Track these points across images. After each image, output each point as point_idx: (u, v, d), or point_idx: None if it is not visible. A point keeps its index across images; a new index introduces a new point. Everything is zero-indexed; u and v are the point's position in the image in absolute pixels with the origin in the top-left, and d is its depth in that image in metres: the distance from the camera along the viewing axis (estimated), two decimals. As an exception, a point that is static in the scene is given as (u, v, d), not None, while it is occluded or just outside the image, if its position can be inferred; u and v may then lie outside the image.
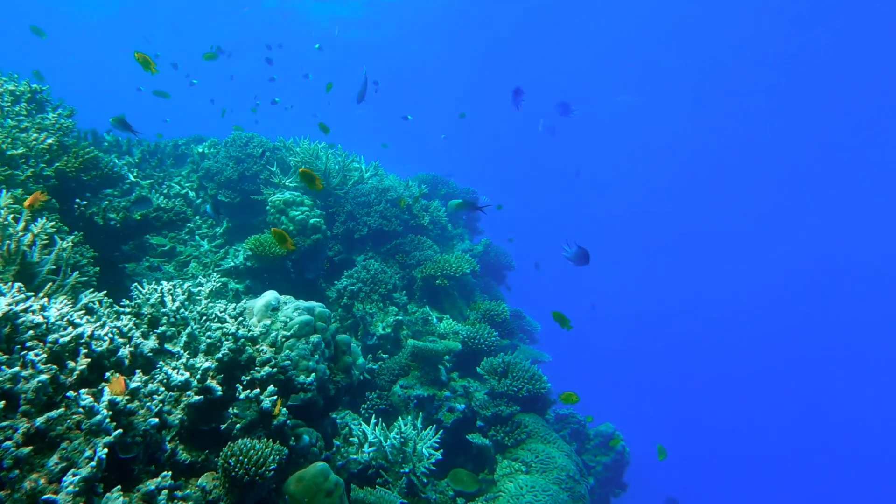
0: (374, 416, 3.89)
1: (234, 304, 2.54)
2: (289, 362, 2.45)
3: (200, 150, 6.72)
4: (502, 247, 9.54)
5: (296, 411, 2.73)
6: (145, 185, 5.56)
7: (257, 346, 2.43)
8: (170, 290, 2.36)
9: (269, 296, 2.91)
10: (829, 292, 32.76)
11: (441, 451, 3.74)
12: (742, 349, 29.59)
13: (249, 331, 2.42)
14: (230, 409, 2.27)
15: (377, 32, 23.33)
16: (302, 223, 5.29)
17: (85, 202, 3.34)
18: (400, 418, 3.81)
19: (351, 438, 3.74)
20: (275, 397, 2.29)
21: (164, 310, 2.29)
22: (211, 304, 2.48)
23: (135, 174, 5.57)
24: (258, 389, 2.26)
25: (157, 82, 5.85)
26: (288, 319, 2.82)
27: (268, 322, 2.65)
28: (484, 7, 20.09)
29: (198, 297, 2.48)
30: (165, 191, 5.76)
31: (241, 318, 2.47)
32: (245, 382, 2.31)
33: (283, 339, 2.55)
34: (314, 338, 2.86)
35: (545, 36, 21.98)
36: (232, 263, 5.09)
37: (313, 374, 2.66)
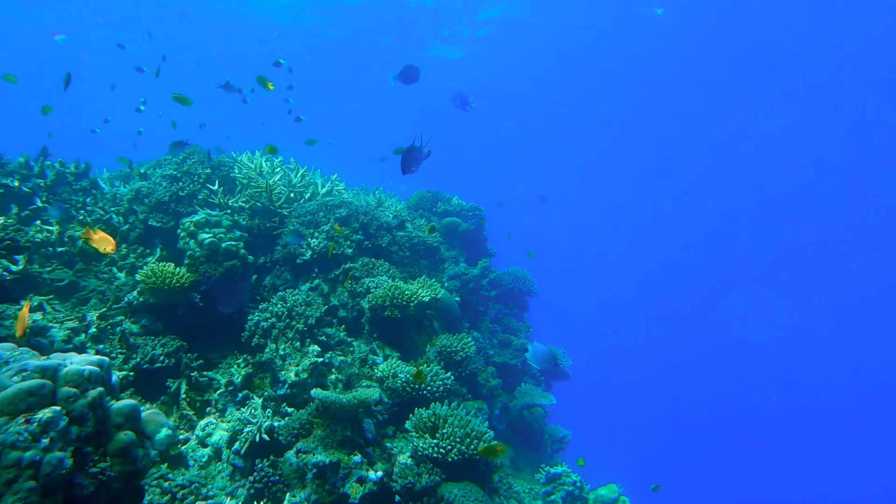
0: (243, 497, 2.94)
1: None
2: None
3: (143, 171, 6.14)
4: (522, 270, 8.44)
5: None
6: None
7: None
8: None
9: (-12, 352, 2.05)
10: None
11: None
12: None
13: None
14: None
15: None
16: (212, 247, 4.48)
17: None
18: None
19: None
20: None
21: None
22: None
23: (43, 198, 4.98)
24: None
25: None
26: None
27: None
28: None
29: None
30: (82, 217, 5.14)
31: None
32: None
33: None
34: (44, 414, 1.96)
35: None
36: (126, 298, 4.33)
37: (16, 473, 1.76)
